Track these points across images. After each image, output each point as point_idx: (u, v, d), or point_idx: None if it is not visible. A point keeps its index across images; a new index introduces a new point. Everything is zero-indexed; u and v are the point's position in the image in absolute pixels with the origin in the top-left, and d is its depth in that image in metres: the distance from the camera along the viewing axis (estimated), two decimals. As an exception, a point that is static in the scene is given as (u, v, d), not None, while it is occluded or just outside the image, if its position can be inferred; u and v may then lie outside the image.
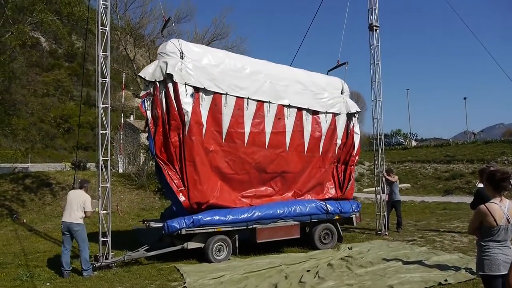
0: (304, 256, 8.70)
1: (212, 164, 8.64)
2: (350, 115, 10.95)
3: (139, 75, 8.42)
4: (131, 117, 39.21)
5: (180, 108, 8.06)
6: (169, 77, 8.01)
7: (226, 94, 8.70)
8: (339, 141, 10.75)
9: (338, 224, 10.02)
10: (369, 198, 20.56)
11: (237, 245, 8.66)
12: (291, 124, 9.75)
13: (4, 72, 15.57)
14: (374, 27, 11.94)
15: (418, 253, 8.66)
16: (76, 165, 21.37)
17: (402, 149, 36.18)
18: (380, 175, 11.97)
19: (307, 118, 10.08)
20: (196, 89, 8.33)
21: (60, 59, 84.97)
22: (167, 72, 7.96)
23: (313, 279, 6.97)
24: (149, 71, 8.16)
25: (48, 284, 6.99)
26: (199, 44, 13.02)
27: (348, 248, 9.30)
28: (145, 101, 8.16)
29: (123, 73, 23.72)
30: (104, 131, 7.97)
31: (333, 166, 10.76)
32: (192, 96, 8.24)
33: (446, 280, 6.58)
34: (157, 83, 8.11)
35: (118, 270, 7.69)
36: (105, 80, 8.01)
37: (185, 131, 8.13)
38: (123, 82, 24.12)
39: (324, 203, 9.69)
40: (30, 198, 16.33)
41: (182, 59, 8.22)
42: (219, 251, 8.35)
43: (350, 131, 10.93)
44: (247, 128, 9.05)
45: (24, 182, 17.40)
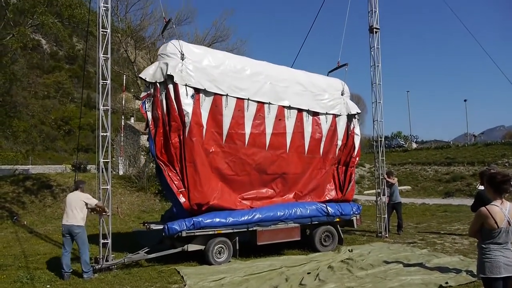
0: (305, 259, 8.70)
1: (213, 165, 8.63)
2: (350, 117, 10.95)
3: (140, 76, 8.43)
4: (132, 119, 39.31)
5: (180, 109, 8.06)
6: (169, 78, 8.02)
7: (227, 95, 8.71)
8: (339, 143, 10.74)
9: (338, 226, 10.00)
10: (369, 200, 20.54)
11: (237, 247, 8.64)
12: (291, 125, 9.76)
13: (5, 74, 15.59)
14: (375, 29, 11.96)
15: (419, 256, 8.65)
16: (77, 167, 21.40)
17: (402, 151, 36.26)
18: (380, 177, 11.96)
19: (308, 120, 10.08)
20: (197, 90, 8.34)
21: (61, 61, 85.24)
22: (168, 73, 7.97)
23: (314, 281, 6.96)
24: (150, 72, 8.17)
25: (48, 286, 6.99)
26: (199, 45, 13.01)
27: (349, 250, 9.29)
28: (146, 102, 8.17)
29: (124, 75, 23.75)
30: (105, 133, 7.96)
31: (333, 167, 10.74)
32: (192, 97, 8.24)
33: (447, 282, 6.57)
34: (158, 84, 8.11)
35: (118, 272, 7.69)
36: (106, 82, 8.01)
37: (186, 132, 8.13)
38: (124, 84, 24.16)
39: (325, 205, 9.68)
40: (31, 200, 16.34)
41: (182, 60, 8.23)
42: (219, 253, 8.33)
43: (350, 132, 10.92)
44: (248, 129, 9.06)
45: (24, 184, 17.42)
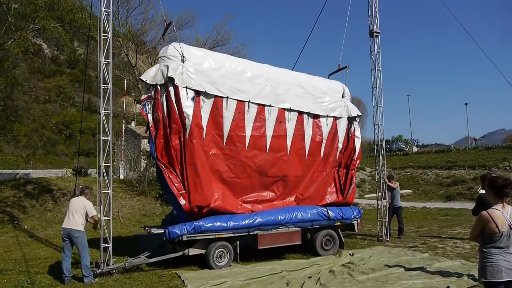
0: (306, 263, 8.67)
1: (213, 167, 8.63)
2: (351, 119, 10.96)
3: (141, 78, 8.45)
4: (133, 123, 39.32)
5: (181, 112, 8.07)
6: (170, 81, 8.04)
7: (227, 98, 8.72)
8: (340, 145, 10.73)
9: (339, 230, 9.98)
10: (370, 204, 20.51)
11: (238, 252, 8.62)
12: (292, 127, 9.77)
13: (6, 78, 15.64)
14: (375, 33, 11.99)
15: (420, 260, 8.63)
16: (78, 171, 21.39)
17: (403, 155, 36.20)
18: (381, 181, 11.94)
19: (308, 122, 10.09)
20: (197, 93, 8.36)
21: (62, 66, 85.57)
22: (168, 75, 7.99)
23: (315, 285, 6.94)
24: (151, 75, 8.19)
25: (49, 290, 6.98)
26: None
27: (350, 254, 9.27)
28: (146, 105, 8.18)
29: (125, 79, 23.84)
30: (106, 137, 7.97)
31: (334, 170, 10.72)
32: (193, 99, 8.26)
33: (448, 287, 6.57)
34: (158, 87, 8.13)
35: (119, 276, 7.67)
36: (107, 86, 8.03)
37: (186, 135, 8.14)
38: (125, 88, 24.24)
39: (326, 209, 9.66)
40: (31, 204, 16.33)
41: (183, 62, 8.26)
42: (220, 257, 8.31)
43: (351, 135, 10.92)
44: (248, 132, 9.07)
45: (25, 188, 17.43)
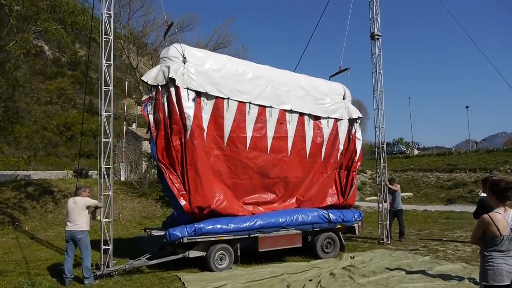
0: (306, 265, 8.66)
1: (214, 168, 8.63)
2: (352, 121, 10.95)
3: (142, 79, 8.47)
4: (134, 125, 39.34)
5: (182, 112, 8.08)
6: (171, 81, 8.05)
7: (228, 99, 8.72)
8: (341, 147, 10.72)
9: (340, 233, 9.96)
10: (371, 207, 20.48)
11: (239, 254, 8.60)
12: (293, 129, 9.77)
13: (8, 80, 15.68)
14: (376, 36, 12.00)
15: (421, 263, 8.62)
16: (78, 173, 21.35)
17: (404, 157, 36.25)
18: (382, 183, 11.93)
19: (309, 123, 10.09)
20: (198, 94, 8.37)
21: (64, 67, 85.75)
22: (170, 76, 8.00)
23: (315, 288, 6.92)
24: (152, 75, 8.20)
25: (49, 292, 6.98)
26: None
27: (351, 257, 9.25)
28: (148, 105, 8.19)
29: (126, 81, 23.89)
30: (107, 139, 7.98)
31: (335, 172, 10.70)
32: (194, 100, 8.27)
33: (449, 290, 6.55)
34: (160, 87, 8.13)
35: (119, 278, 7.66)
36: (108, 88, 8.05)
37: (187, 135, 8.14)
38: (126, 90, 24.29)
39: (326, 212, 9.64)
40: (32, 206, 16.34)
41: (184, 63, 8.26)
42: (220, 260, 8.30)
43: (352, 136, 10.91)
44: (249, 133, 9.07)
45: (26, 190, 17.43)
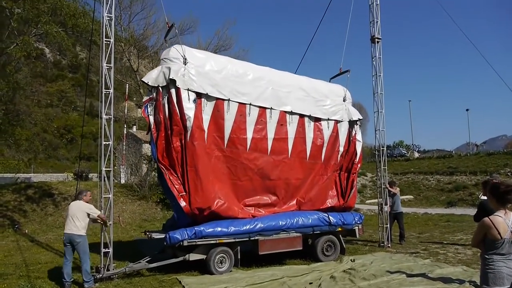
0: (307, 268, 8.63)
1: (214, 169, 8.62)
2: (352, 123, 10.97)
3: (142, 80, 8.49)
4: (134, 128, 39.31)
5: (182, 114, 8.10)
6: (172, 83, 8.07)
7: (229, 100, 8.74)
8: (341, 149, 10.73)
9: (340, 236, 9.95)
10: (371, 210, 20.47)
11: (239, 257, 8.59)
12: (293, 130, 9.78)
13: (8, 82, 15.69)
14: (376, 39, 12.02)
15: (422, 266, 8.59)
16: (79, 176, 21.36)
17: (404, 160, 36.23)
18: (382, 186, 11.92)
19: (309, 125, 10.10)
20: (199, 95, 8.39)
21: (64, 70, 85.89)
22: (170, 77, 8.02)
23: (316, 291, 6.91)
24: (152, 76, 8.22)
25: (49, 295, 6.96)
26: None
27: (351, 260, 9.23)
28: (148, 106, 8.21)
29: (127, 84, 23.88)
30: (107, 142, 7.98)
31: (335, 173, 10.70)
32: (194, 101, 8.28)
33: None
34: (160, 88, 8.15)
35: (119, 281, 7.64)
36: (109, 91, 8.06)
37: (187, 136, 8.16)
38: (127, 93, 24.24)
39: (327, 215, 9.63)
40: (32, 209, 16.34)
41: (185, 64, 8.29)
42: (221, 262, 8.28)
43: (352, 138, 10.93)
44: (249, 134, 9.08)
45: (26, 193, 17.44)
